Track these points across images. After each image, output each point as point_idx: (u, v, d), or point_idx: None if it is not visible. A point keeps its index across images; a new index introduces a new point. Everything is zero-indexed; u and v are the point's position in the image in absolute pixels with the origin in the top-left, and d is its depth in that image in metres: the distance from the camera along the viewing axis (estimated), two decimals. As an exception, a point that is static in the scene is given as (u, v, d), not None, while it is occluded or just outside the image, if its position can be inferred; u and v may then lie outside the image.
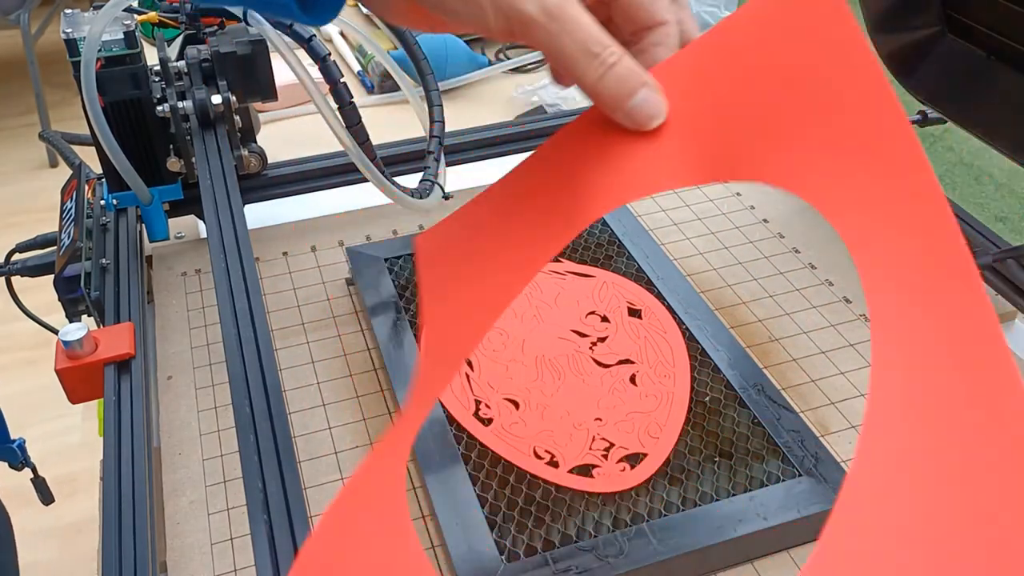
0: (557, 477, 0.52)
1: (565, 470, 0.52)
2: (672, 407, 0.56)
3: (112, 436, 0.53)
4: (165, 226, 0.74)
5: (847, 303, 0.67)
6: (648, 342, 0.61)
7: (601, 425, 0.55)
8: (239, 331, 0.53)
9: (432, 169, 0.68)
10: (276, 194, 0.78)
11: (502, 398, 0.57)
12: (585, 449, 0.53)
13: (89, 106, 0.64)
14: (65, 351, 0.56)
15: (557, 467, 0.53)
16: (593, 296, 0.65)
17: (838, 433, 0.57)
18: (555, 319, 0.63)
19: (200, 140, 0.69)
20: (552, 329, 0.62)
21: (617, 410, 0.56)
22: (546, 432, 0.55)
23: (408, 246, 0.70)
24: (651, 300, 0.65)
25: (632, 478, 0.52)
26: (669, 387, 0.57)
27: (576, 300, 0.65)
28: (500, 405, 0.57)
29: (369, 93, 1.08)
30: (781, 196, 0.79)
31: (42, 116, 2.45)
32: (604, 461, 0.53)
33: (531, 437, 0.54)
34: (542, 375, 0.59)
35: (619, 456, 0.53)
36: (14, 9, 2.36)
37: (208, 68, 0.70)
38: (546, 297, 0.65)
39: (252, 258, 0.59)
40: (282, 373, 0.63)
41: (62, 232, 0.72)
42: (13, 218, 2.29)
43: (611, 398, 0.57)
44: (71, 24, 0.65)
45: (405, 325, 0.63)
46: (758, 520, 0.49)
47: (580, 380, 0.58)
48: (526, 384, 0.58)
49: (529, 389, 0.58)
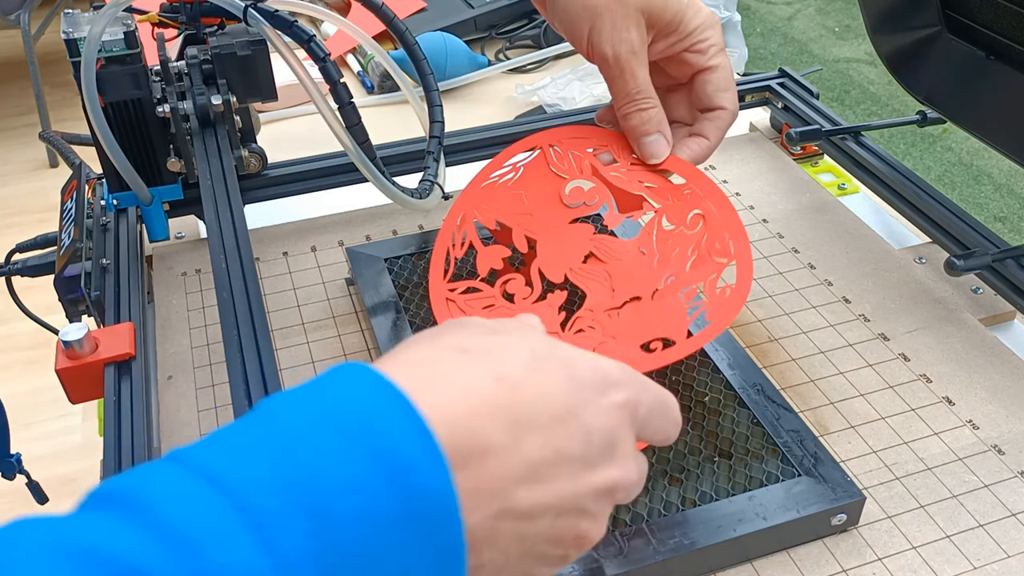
0: None
1: None
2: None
3: (112, 436, 0.53)
4: (165, 226, 0.74)
5: (847, 303, 0.67)
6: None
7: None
8: (239, 331, 0.53)
9: (432, 169, 0.68)
10: (276, 194, 0.78)
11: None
12: None
13: (89, 106, 0.64)
14: (65, 351, 0.57)
15: None
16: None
17: (837, 433, 0.57)
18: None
19: (200, 140, 0.69)
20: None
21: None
22: None
23: (408, 246, 0.70)
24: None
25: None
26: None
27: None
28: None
29: (369, 93, 1.08)
30: (781, 196, 0.79)
31: (42, 116, 2.46)
32: None
33: None
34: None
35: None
36: (14, 9, 2.36)
37: (208, 68, 0.70)
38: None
39: (252, 258, 0.59)
40: (282, 373, 0.63)
41: (62, 232, 0.72)
42: (13, 218, 2.29)
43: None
44: (71, 24, 0.65)
45: (405, 325, 0.63)
46: (758, 520, 0.49)
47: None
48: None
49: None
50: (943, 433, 0.57)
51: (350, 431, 0.26)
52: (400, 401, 0.28)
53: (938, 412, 0.59)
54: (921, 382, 0.61)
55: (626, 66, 0.51)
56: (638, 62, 0.52)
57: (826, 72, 3.01)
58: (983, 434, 0.57)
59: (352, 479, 0.25)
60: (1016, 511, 0.52)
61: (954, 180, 2.53)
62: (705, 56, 0.54)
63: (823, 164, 0.86)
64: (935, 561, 0.50)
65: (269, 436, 0.26)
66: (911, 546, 0.51)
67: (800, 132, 0.80)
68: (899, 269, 0.70)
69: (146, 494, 0.24)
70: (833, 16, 3.39)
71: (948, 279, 0.69)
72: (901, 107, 2.80)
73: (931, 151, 2.65)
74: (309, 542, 0.24)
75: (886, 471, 0.55)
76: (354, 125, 0.62)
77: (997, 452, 0.56)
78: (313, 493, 0.25)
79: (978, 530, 0.51)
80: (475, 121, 0.85)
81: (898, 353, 0.63)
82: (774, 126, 0.89)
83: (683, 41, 0.53)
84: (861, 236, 0.74)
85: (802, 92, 0.87)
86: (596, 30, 0.51)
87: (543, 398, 0.31)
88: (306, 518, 0.24)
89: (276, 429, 0.26)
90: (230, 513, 0.24)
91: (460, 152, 0.80)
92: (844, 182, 0.84)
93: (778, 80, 0.89)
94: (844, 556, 0.50)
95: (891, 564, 0.50)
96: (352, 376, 0.28)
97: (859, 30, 3.13)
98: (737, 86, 0.89)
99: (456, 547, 0.27)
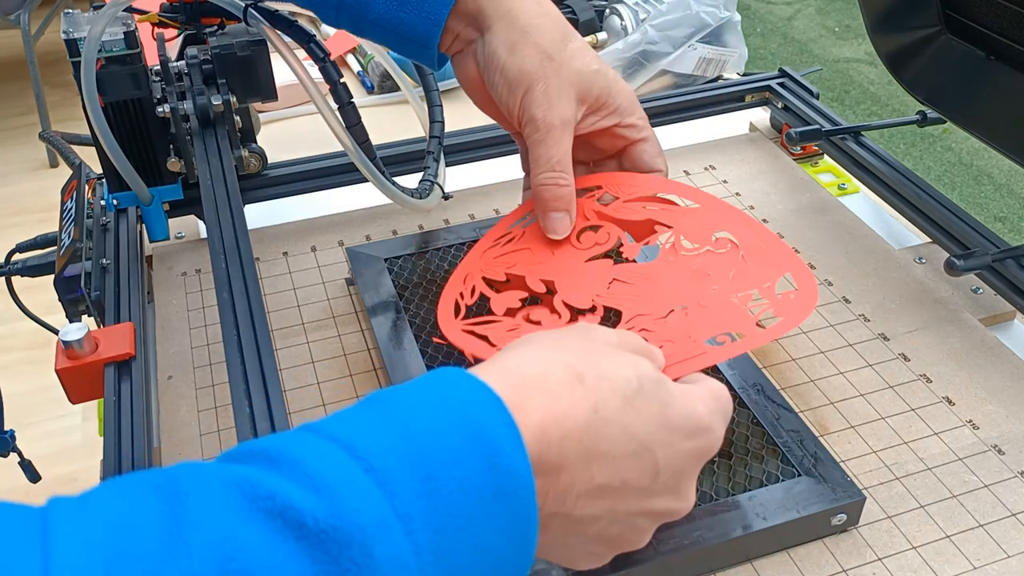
0: None
1: None
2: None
3: (112, 436, 0.53)
4: (165, 226, 0.74)
5: (847, 303, 0.67)
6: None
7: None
8: (239, 331, 0.53)
9: (432, 169, 0.68)
10: (276, 194, 0.78)
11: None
12: None
13: (89, 106, 0.64)
14: (65, 351, 0.57)
15: None
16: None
17: (837, 433, 0.57)
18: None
19: (200, 140, 0.69)
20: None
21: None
22: None
23: (408, 246, 0.70)
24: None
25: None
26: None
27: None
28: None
29: (369, 93, 1.08)
30: (781, 196, 0.79)
31: (42, 116, 2.45)
32: None
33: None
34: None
35: None
36: (14, 9, 2.36)
37: (208, 68, 0.70)
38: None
39: (252, 258, 0.59)
40: (282, 373, 0.63)
41: (62, 232, 0.72)
42: (13, 218, 2.29)
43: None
44: (71, 24, 0.65)
45: (405, 325, 0.63)
46: (758, 520, 0.49)
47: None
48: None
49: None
50: (943, 433, 0.57)
51: (450, 416, 0.32)
52: (492, 399, 0.33)
53: (938, 412, 0.59)
54: (921, 382, 0.61)
55: (553, 131, 0.51)
56: (564, 132, 0.51)
57: (826, 72, 3.01)
58: (983, 434, 0.57)
59: (453, 452, 0.30)
60: (1016, 511, 0.52)
61: (954, 180, 2.53)
62: (637, 129, 0.55)
63: (823, 164, 0.86)
64: (935, 561, 0.50)
65: (384, 415, 0.31)
66: (911, 546, 0.51)
67: (800, 132, 0.80)
68: (899, 269, 0.70)
69: (291, 452, 0.29)
70: (833, 16, 3.40)
71: (948, 279, 0.69)
72: (901, 107, 2.80)
73: (931, 151, 2.65)
74: (421, 500, 0.29)
75: (886, 471, 0.55)
76: (354, 125, 0.62)
77: (997, 452, 0.56)
78: (423, 460, 0.30)
79: (978, 530, 0.51)
80: (475, 121, 0.84)
81: (898, 353, 0.63)
82: (774, 126, 0.89)
83: (612, 116, 0.54)
84: (861, 236, 0.74)
85: (802, 92, 0.87)
86: (530, 95, 0.51)
87: (627, 435, 0.36)
88: (419, 480, 0.29)
89: (390, 410, 0.32)
90: (359, 471, 0.29)
91: (460, 152, 0.80)
92: (844, 182, 0.84)
93: (778, 80, 0.89)
94: (844, 556, 0.50)
95: (891, 564, 0.50)
96: (453, 377, 0.34)
97: (859, 30, 3.13)
98: (737, 86, 0.89)
99: (531, 527, 0.32)
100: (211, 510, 0.27)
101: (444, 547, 0.29)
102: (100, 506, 0.27)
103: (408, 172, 0.77)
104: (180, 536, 0.26)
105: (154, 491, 0.28)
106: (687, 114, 0.87)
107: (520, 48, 0.51)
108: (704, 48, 1.01)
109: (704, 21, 1.00)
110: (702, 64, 1.01)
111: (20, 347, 1.87)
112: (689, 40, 1.00)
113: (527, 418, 0.33)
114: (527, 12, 0.52)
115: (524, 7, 0.52)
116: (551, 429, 0.33)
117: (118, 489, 0.28)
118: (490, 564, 0.31)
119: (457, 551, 0.30)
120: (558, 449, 0.34)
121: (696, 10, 1.00)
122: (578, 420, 0.34)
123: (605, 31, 1.11)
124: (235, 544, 0.26)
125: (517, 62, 0.51)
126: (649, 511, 0.38)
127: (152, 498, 0.27)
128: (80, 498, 0.27)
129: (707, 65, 1.02)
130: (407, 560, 0.28)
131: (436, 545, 0.29)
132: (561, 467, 0.34)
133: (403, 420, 0.31)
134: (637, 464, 0.36)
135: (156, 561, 0.25)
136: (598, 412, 0.35)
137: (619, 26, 1.08)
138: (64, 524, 0.26)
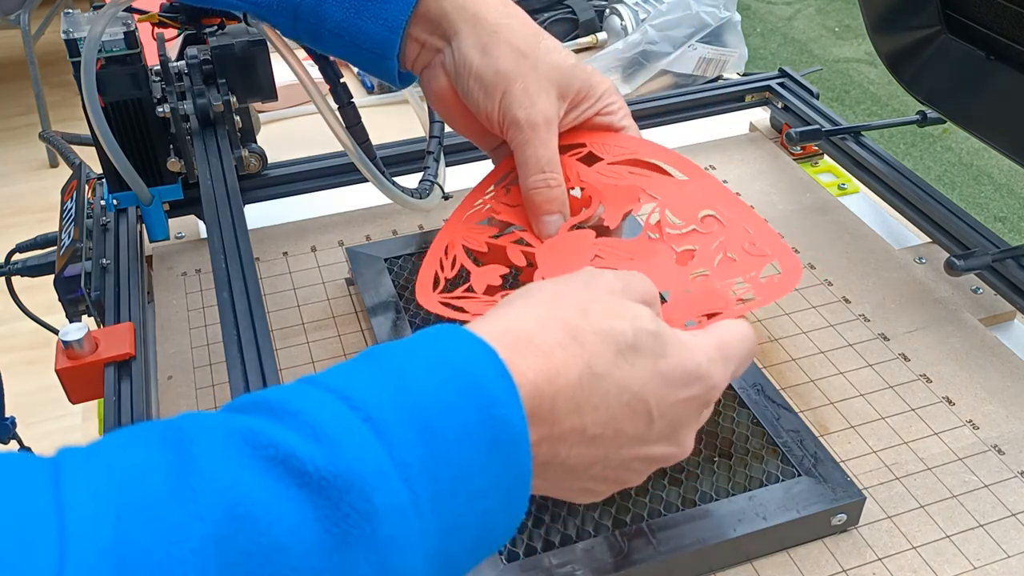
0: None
1: None
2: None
3: (112, 436, 0.53)
4: (165, 226, 0.74)
5: (847, 303, 0.67)
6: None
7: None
8: (239, 331, 0.53)
9: (432, 169, 0.68)
10: (276, 194, 0.78)
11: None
12: None
13: (89, 106, 0.64)
14: (65, 351, 0.57)
15: None
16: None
17: (837, 433, 0.57)
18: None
19: (200, 140, 0.69)
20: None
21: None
22: None
23: (408, 246, 0.70)
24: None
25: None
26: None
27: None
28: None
29: (369, 93, 1.08)
30: (781, 196, 0.79)
31: (42, 116, 2.46)
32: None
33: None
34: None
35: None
36: (14, 9, 2.36)
37: (208, 68, 0.70)
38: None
39: (252, 258, 0.59)
40: (282, 373, 0.63)
41: (62, 232, 0.72)
42: (13, 218, 2.29)
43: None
44: (71, 24, 0.65)
45: (405, 325, 0.63)
46: (757, 520, 0.49)
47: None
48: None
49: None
50: (943, 433, 0.57)
51: (447, 369, 0.32)
52: (487, 352, 0.33)
53: (938, 412, 0.59)
54: (921, 382, 0.61)
55: (538, 130, 0.50)
56: (549, 130, 0.50)
57: (826, 72, 3.01)
58: (983, 434, 0.57)
59: (450, 404, 0.31)
60: (1016, 511, 0.53)
61: (954, 180, 2.53)
62: (616, 116, 0.54)
63: (823, 164, 0.86)
64: (935, 561, 0.50)
65: (382, 368, 0.32)
66: (911, 546, 0.51)
67: (800, 132, 0.80)
68: (899, 269, 0.70)
69: (291, 403, 0.30)
70: (833, 16, 3.40)
71: (948, 279, 0.69)
72: (901, 107, 2.80)
73: (931, 151, 2.65)
74: (418, 449, 0.30)
75: (886, 471, 0.55)
76: (354, 125, 0.62)
77: (997, 452, 0.56)
78: (420, 411, 0.31)
79: (978, 530, 0.51)
80: (475, 121, 0.85)
81: (898, 353, 0.63)
82: (774, 126, 0.89)
83: (593, 106, 0.53)
84: (861, 236, 0.74)
85: (802, 92, 0.87)
86: (509, 95, 0.49)
87: (619, 388, 0.36)
88: (416, 431, 0.30)
89: (387, 364, 0.33)
90: (358, 421, 0.30)
91: (460, 152, 0.80)
92: (844, 182, 0.84)
93: (778, 80, 0.89)
94: (844, 556, 0.50)
95: (891, 564, 0.50)
96: (450, 332, 0.34)
97: (859, 30, 3.13)
98: (737, 86, 0.89)
99: (525, 475, 0.33)
100: (216, 458, 0.28)
101: (441, 494, 0.30)
102: (109, 455, 0.28)
103: (408, 172, 0.77)
104: (187, 483, 0.27)
105: (161, 440, 0.28)
106: (687, 114, 0.87)
107: (492, 49, 0.49)
108: (704, 48, 1.01)
109: (704, 21, 1.00)
110: (702, 64, 1.01)
111: (20, 347, 1.87)
112: (689, 40, 1.00)
113: (521, 376, 0.34)
114: (493, 12, 0.50)
115: (489, 7, 0.50)
116: (544, 387, 0.34)
117: (126, 439, 0.29)
118: (485, 510, 0.32)
119: (453, 498, 0.31)
120: (551, 404, 0.34)
121: (696, 10, 1.00)
122: (570, 377, 0.35)
123: (605, 31, 1.11)
124: (240, 490, 0.27)
125: (491, 63, 0.49)
126: (645, 457, 0.39)
127: (159, 447, 0.28)
128: (89, 448, 0.28)
129: (707, 65, 1.02)
130: (405, 506, 0.29)
131: (433, 492, 0.30)
132: (554, 420, 0.35)
133: (400, 373, 0.32)
134: (631, 414, 0.37)
135: (165, 506, 0.26)
136: (591, 368, 0.36)
137: (619, 26, 1.08)
138: (75, 472, 0.27)
